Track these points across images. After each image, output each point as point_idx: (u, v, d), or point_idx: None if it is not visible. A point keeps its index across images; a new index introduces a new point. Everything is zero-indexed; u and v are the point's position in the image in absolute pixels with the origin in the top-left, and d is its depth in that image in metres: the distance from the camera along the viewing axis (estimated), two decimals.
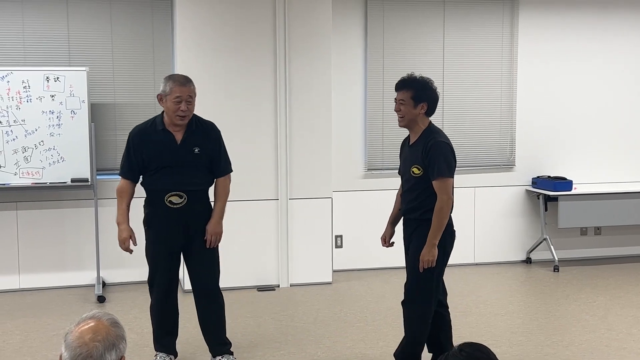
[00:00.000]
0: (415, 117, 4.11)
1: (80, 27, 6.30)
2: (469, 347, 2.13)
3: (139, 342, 4.97)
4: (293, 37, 6.28)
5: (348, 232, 6.88)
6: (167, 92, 4.24)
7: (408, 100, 4.09)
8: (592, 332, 5.18)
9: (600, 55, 7.40)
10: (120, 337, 2.08)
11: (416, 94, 4.08)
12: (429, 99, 4.11)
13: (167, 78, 4.32)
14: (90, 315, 2.11)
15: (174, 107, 4.22)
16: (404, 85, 4.15)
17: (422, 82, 4.14)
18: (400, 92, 4.13)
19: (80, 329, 2.05)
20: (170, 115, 4.27)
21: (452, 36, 7.04)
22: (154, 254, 4.45)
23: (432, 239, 4.00)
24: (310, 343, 4.98)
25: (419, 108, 4.09)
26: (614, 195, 7.11)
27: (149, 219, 4.42)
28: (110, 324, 2.09)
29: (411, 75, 4.19)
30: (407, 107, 4.09)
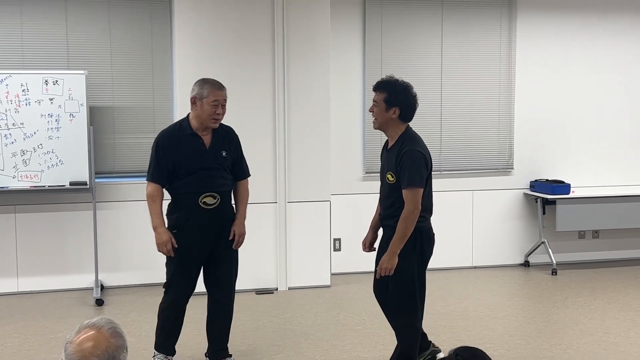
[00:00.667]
0: (388, 121, 4.05)
1: (79, 30, 6.30)
2: (465, 351, 2.13)
3: (137, 346, 4.97)
4: (291, 41, 6.29)
5: (346, 235, 6.89)
6: (204, 95, 4.24)
7: (381, 102, 4.04)
8: (590, 335, 5.18)
9: (598, 60, 7.42)
10: (120, 347, 2.04)
11: (389, 98, 4.02)
12: (403, 104, 4.02)
13: (202, 82, 4.32)
14: (90, 324, 2.06)
15: (211, 110, 4.24)
16: (379, 86, 4.09)
17: (398, 85, 4.05)
18: (376, 93, 4.08)
19: (80, 339, 2.01)
20: (204, 118, 4.26)
21: (450, 40, 7.05)
22: (182, 258, 4.35)
23: (394, 247, 3.96)
24: (308, 346, 4.98)
25: (391, 112, 4.02)
26: (612, 199, 7.12)
27: (180, 223, 4.32)
28: (111, 335, 2.04)
29: (390, 77, 4.12)
30: (379, 110, 4.05)
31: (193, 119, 4.32)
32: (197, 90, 4.27)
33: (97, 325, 2.06)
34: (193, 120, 4.32)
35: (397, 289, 4.09)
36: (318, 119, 6.38)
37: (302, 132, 6.36)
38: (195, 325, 5.46)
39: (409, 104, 4.04)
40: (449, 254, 7.09)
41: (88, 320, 2.08)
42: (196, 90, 4.27)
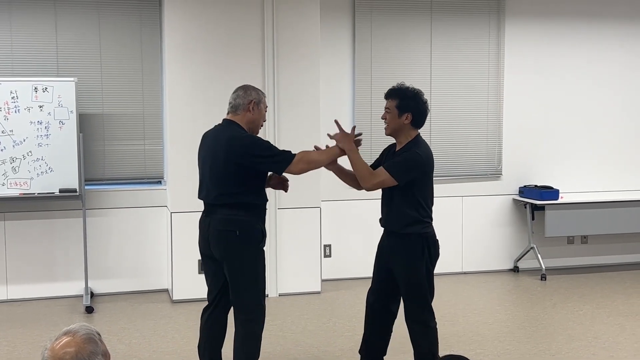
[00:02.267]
0: (400, 127, 4.12)
1: (69, 37, 6.30)
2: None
3: (127, 353, 4.97)
4: (281, 47, 6.31)
5: (337, 242, 6.90)
6: (261, 100, 4.17)
7: (393, 109, 4.10)
8: (579, 340, 5.21)
9: (585, 66, 7.47)
10: (93, 353, 2.04)
11: (401, 104, 4.09)
12: (415, 110, 4.09)
13: (253, 87, 4.21)
14: (66, 330, 2.07)
15: (265, 115, 4.21)
16: (391, 93, 4.16)
17: (410, 92, 4.14)
18: (388, 100, 4.15)
19: (53, 347, 2.03)
20: (259, 122, 4.17)
21: (439, 46, 7.09)
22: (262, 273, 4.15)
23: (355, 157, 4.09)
24: (299, 353, 4.99)
25: (403, 118, 4.09)
26: (601, 204, 7.16)
27: (263, 235, 4.09)
28: (84, 340, 2.05)
29: (401, 84, 4.20)
30: (391, 116, 4.11)
31: (244, 123, 4.09)
32: (255, 95, 4.14)
33: (72, 331, 2.07)
34: (242, 125, 4.11)
35: (411, 297, 4.16)
36: (308, 124, 6.39)
37: (292, 137, 6.37)
38: (183, 336, 5.47)
39: (420, 110, 4.13)
40: (438, 260, 7.10)
41: (67, 327, 2.10)
42: (254, 95, 4.13)
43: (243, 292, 4.08)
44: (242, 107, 4.11)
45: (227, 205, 4.01)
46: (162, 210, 6.50)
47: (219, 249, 4.07)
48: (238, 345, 4.14)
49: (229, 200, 4.01)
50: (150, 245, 6.52)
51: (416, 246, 4.07)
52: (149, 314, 5.90)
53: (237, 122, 4.10)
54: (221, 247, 4.05)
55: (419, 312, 4.16)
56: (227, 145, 3.99)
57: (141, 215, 6.49)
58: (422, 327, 4.17)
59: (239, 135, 4.02)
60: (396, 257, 4.14)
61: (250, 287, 4.08)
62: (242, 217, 4.01)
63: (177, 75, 6.14)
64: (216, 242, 4.06)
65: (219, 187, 4.03)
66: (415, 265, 4.09)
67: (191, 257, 6.20)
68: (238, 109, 4.12)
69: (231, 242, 4.02)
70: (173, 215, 6.19)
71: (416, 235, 4.08)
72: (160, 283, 6.55)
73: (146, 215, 6.50)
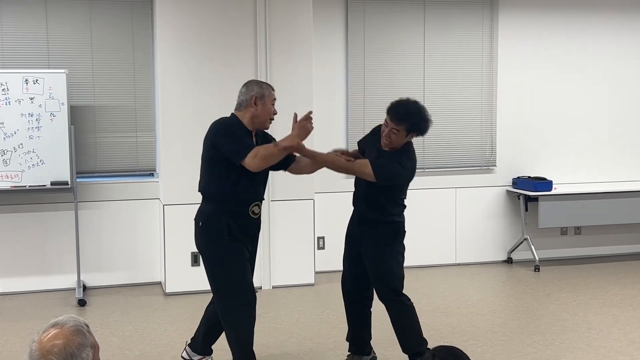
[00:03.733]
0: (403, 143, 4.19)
1: (60, 29, 6.25)
2: (442, 351, 2.13)
3: (120, 346, 4.95)
4: (274, 39, 6.27)
5: (330, 234, 6.88)
6: (265, 94, 4.11)
7: (402, 132, 4.10)
8: (573, 331, 5.22)
9: (579, 57, 7.46)
10: (81, 345, 2.01)
11: (411, 129, 4.11)
12: (420, 131, 4.14)
13: (256, 82, 4.20)
14: (54, 323, 2.05)
15: (271, 109, 4.15)
16: (400, 119, 4.08)
17: (418, 116, 4.11)
18: (395, 122, 4.09)
19: (41, 339, 2.02)
20: (264, 118, 4.12)
21: (433, 38, 7.07)
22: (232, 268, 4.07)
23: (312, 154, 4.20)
24: (292, 345, 4.98)
25: (409, 137, 4.16)
26: (594, 195, 7.17)
27: (229, 230, 4.03)
28: (72, 332, 2.02)
29: (407, 102, 4.15)
30: (398, 137, 4.12)
31: (247, 119, 4.08)
32: (257, 89, 4.10)
33: (60, 323, 2.05)
34: (245, 121, 4.09)
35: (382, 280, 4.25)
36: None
37: (285, 130, 6.28)
38: (176, 328, 5.46)
39: (424, 130, 4.17)
40: (432, 252, 7.12)
41: (55, 319, 2.07)
42: (256, 90, 4.09)
43: (211, 283, 4.14)
44: (245, 103, 4.11)
45: (204, 196, 4.17)
46: (154, 202, 6.47)
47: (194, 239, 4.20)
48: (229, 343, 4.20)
49: (203, 190, 4.17)
50: (142, 237, 6.49)
51: (388, 232, 4.22)
52: (142, 307, 5.88)
53: (238, 117, 4.12)
54: (195, 237, 4.17)
55: (392, 292, 4.24)
56: (207, 134, 4.10)
57: (133, 207, 6.46)
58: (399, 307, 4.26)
59: (217, 121, 4.10)
60: (367, 243, 4.25)
61: (219, 284, 4.09)
62: (207, 209, 4.10)
63: (169, 67, 6.10)
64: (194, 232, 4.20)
65: (200, 177, 4.19)
66: (385, 249, 4.21)
67: (184, 249, 6.18)
68: (242, 105, 4.13)
69: (197, 233, 4.14)
70: (166, 207, 6.16)
71: (390, 223, 4.22)
72: (153, 276, 6.53)
73: (138, 207, 6.47)
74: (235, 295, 4.08)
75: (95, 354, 2.06)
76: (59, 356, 1.98)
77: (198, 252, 4.21)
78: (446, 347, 2.17)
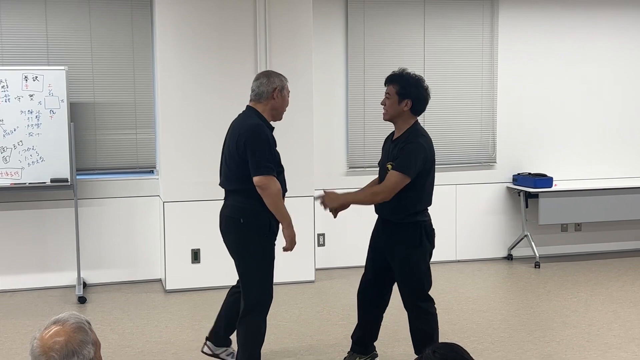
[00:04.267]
0: (399, 113, 4.10)
1: (59, 25, 6.24)
2: (443, 347, 2.12)
3: (120, 343, 4.95)
4: (274, 36, 6.26)
5: (330, 230, 6.88)
6: (284, 86, 4.12)
7: (393, 94, 4.09)
8: (573, 327, 5.21)
9: (579, 54, 7.45)
10: (83, 342, 2.01)
11: (402, 90, 4.06)
12: (415, 96, 4.07)
13: (276, 73, 4.17)
14: (55, 320, 2.05)
15: (288, 100, 4.16)
16: (392, 79, 4.14)
17: (410, 78, 4.11)
18: (389, 85, 4.13)
19: (42, 336, 2.01)
20: (282, 109, 4.14)
21: (433, 35, 7.06)
22: (268, 263, 4.13)
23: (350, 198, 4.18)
24: (292, 342, 4.98)
25: (403, 104, 4.07)
26: (594, 192, 7.16)
27: (270, 225, 4.06)
28: (74, 329, 2.02)
29: (402, 70, 4.17)
30: (391, 101, 4.10)
31: (267, 112, 4.08)
32: (279, 82, 4.10)
33: (62, 320, 2.05)
34: (266, 114, 4.08)
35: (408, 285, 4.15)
36: (301, 114, 6.36)
37: (285, 127, 6.28)
38: (177, 324, 5.46)
39: (420, 97, 4.10)
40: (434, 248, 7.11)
41: (56, 317, 2.07)
42: (277, 82, 4.09)
43: (246, 281, 4.08)
44: (266, 94, 4.08)
45: (238, 191, 4.06)
46: (154, 199, 6.47)
47: (226, 236, 4.12)
48: (240, 336, 4.13)
49: (239, 186, 4.04)
50: (143, 235, 6.49)
51: (414, 235, 4.08)
52: (142, 304, 5.87)
53: (259, 110, 4.08)
54: (228, 233, 4.10)
55: (418, 300, 4.16)
56: (240, 133, 4.00)
57: (133, 205, 6.45)
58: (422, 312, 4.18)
59: (250, 125, 4.00)
60: (394, 246, 4.13)
61: (253, 277, 4.07)
62: (248, 205, 4.01)
63: (169, 64, 6.09)
64: (225, 229, 4.12)
65: (231, 174, 4.07)
66: (413, 254, 4.09)
67: (184, 246, 6.18)
68: (262, 97, 4.09)
69: (235, 229, 4.06)
70: (166, 204, 6.16)
71: (414, 224, 4.08)
72: (153, 273, 6.53)
73: (138, 205, 6.46)
74: (267, 293, 4.10)
75: (97, 351, 2.06)
76: (61, 353, 1.98)
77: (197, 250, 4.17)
78: (447, 344, 2.16)
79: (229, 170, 4.09)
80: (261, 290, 4.08)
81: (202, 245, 6.20)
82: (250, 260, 4.05)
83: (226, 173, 4.13)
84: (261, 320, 4.11)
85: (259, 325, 4.11)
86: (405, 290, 4.18)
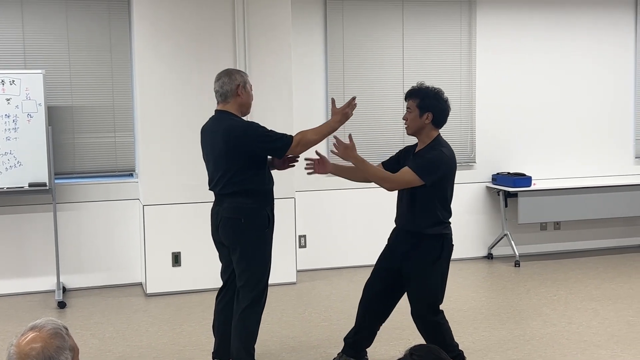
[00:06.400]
0: (421, 127, 4.11)
1: (36, 28, 6.19)
2: (420, 350, 2.14)
3: (101, 348, 4.91)
4: (252, 35, 6.25)
5: (312, 232, 6.88)
6: (246, 81, 4.16)
7: (414, 108, 4.11)
8: (553, 325, 5.25)
9: (556, 53, 7.51)
10: (60, 348, 2.01)
11: (422, 103, 4.08)
12: (436, 109, 4.09)
13: (235, 70, 4.21)
14: (32, 325, 2.05)
15: (252, 94, 4.20)
16: (411, 94, 4.16)
17: (430, 91, 4.13)
18: (409, 100, 4.16)
19: (19, 342, 2.01)
20: (248, 105, 4.20)
21: (412, 36, 7.08)
22: (269, 256, 4.22)
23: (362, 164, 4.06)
24: (274, 344, 4.97)
25: (424, 117, 4.09)
26: (572, 191, 7.22)
27: (268, 220, 4.17)
28: (50, 335, 2.02)
29: (421, 84, 4.19)
30: (413, 116, 4.12)
31: (236, 110, 4.13)
32: (239, 77, 4.13)
33: (39, 326, 2.05)
34: (237, 112, 4.14)
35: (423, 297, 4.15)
36: (280, 116, 6.35)
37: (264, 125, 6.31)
38: (158, 329, 5.43)
39: (442, 109, 4.13)
40: None
41: (33, 322, 2.07)
42: (239, 78, 4.12)
43: (250, 278, 4.14)
44: (231, 93, 4.12)
45: (234, 193, 4.09)
46: (134, 203, 6.43)
47: (226, 236, 4.16)
48: (236, 332, 4.17)
49: (235, 188, 4.08)
50: (122, 238, 6.45)
51: (435, 247, 4.11)
52: (122, 308, 5.84)
53: (230, 111, 4.13)
54: (229, 234, 4.14)
55: (430, 312, 4.15)
56: (226, 136, 4.03)
57: (113, 208, 6.41)
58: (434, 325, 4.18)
59: (235, 125, 4.06)
60: (412, 257, 4.10)
61: (257, 274, 4.16)
62: (247, 204, 4.08)
63: (148, 66, 6.06)
64: (224, 229, 4.16)
65: (224, 177, 4.09)
66: (432, 266, 4.09)
67: (165, 249, 6.15)
68: (227, 96, 4.13)
69: (237, 229, 4.11)
70: (145, 208, 6.13)
71: (436, 236, 4.11)
72: (133, 277, 6.49)
73: (118, 208, 6.42)
74: (263, 292, 4.20)
75: (75, 356, 2.05)
76: (38, 358, 1.97)
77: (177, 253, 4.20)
78: (424, 347, 2.18)
79: (221, 174, 4.10)
80: (262, 285, 4.18)
81: (182, 248, 6.18)
82: (252, 256, 4.14)
83: (218, 177, 4.13)
84: (259, 314, 4.20)
85: (257, 319, 4.20)
86: (419, 302, 4.15)
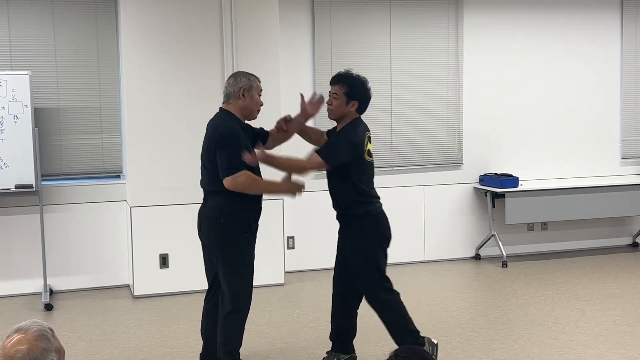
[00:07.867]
0: (346, 114, 4.20)
1: (22, 29, 6.16)
2: (404, 351, 2.16)
3: (88, 350, 4.89)
4: (240, 36, 6.25)
5: (300, 233, 6.88)
6: (253, 85, 4.16)
7: (341, 95, 4.17)
8: (540, 325, 5.27)
9: (543, 54, 7.55)
10: (46, 350, 2.02)
11: (350, 90, 4.16)
12: (362, 97, 4.19)
13: (244, 73, 4.22)
14: (18, 328, 2.05)
15: (259, 100, 4.20)
16: (339, 79, 4.23)
17: (357, 79, 4.22)
18: (336, 86, 4.21)
19: (4, 345, 2.01)
20: (253, 108, 4.18)
21: (399, 37, 7.10)
22: (250, 263, 4.20)
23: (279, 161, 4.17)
24: (263, 345, 4.97)
25: (350, 105, 4.17)
26: (559, 191, 7.26)
27: (249, 225, 4.16)
28: (36, 337, 2.02)
29: (348, 71, 4.26)
30: (339, 102, 4.18)
31: (237, 111, 4.14)
32: (245, 81, 4.15)
33: (24, 328, 2.05)
34: (237, 114, 4.14)
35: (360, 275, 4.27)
36: (268, 117, 6.30)
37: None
38: (144, 332, 5.42)
39: (367, 97, 4.22)
40: (401, 249, 7.13)
41: (19, 325, 2.07)
42: (244, 82, 4.14)
43: (228, 281, 4.12)
44: (233, 94, 4.15)
45: (217, 192, 4.08)
46: (121, 204, 6.41)
47: (206, 237, 4.18)
48: (220, 336, 4.17)
49: (217, 187, 4.05)
50: (110, 240, 6.43)
51: (358, 226, 4.21)
52: (109, 310, 5.82)
53: (230, 111, 4.15)
54: (209, 235, 4.15)
55: (370, 290, 4.27)
56: (209, 133, 4.11)
57: (100, 210, 6.39)
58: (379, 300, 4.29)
59: (219, 125, 4.09)
60: (345, 239, 4.30)
61: (235, 278, 4.12)
62: (228, 205, 4.06)
63: (135, 66, 6.04)
64: (204, 229, 4.17)
65: (209, 175, 4.10)
66: (358, 245, 4.21)
67: (152, 251, 6.13)
68: (230, 97, 4.17)
69: (216, 230, 4.11)
70: (133, 209, 6.11)
71: (357, 216, 4.20)
72: (121, 278, 6.46)
73: (105, 210, 6.40)
74: (249, 292, 4.19)
75: (61, 358, 2.05)
76: None
77: (165, 255, 4.19)
78: (409, 348, 2.21)
79: (207, 171, 4.13)
80: (243, 289, 4.16)
81: (170, 250, 6.16)
82: (232, 260, 4.11)
83: (204, 174, 4.17)
84: (243, 319, 4.19)
85: (241, 325, 4.19)
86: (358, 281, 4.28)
